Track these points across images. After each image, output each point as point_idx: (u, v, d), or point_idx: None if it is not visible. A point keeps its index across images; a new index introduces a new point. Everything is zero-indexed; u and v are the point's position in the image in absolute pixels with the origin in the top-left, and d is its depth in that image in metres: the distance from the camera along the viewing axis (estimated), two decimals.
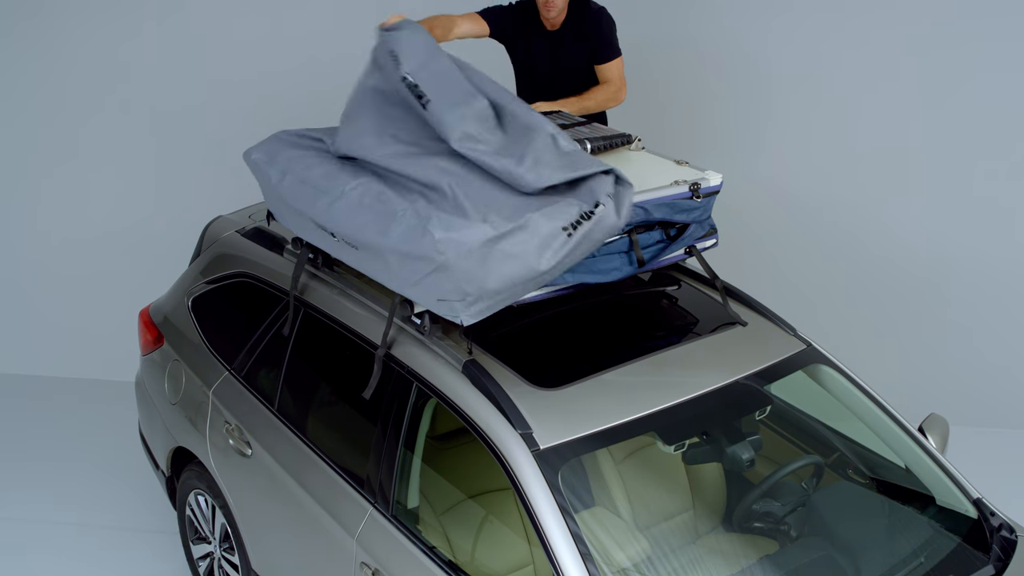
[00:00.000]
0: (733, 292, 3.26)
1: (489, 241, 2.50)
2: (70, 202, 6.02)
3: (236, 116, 5.77)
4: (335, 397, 3.39)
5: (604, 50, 4.05)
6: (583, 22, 4.03)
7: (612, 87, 4.03)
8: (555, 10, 3.96)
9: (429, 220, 2.55)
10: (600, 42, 4.04)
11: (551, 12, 3.97)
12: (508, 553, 3.04)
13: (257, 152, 3.17)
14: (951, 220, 5.46)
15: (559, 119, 3.58)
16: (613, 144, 3.34)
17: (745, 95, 5.59)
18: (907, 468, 3.09)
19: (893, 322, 5.62)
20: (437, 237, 2.51)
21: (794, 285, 5.57)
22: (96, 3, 5.74)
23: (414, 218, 2.59)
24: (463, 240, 2.51)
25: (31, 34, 5.76)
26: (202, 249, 3.98)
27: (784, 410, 3.27)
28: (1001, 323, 5.49)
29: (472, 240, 2.50)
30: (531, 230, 2.51)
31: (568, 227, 2.54)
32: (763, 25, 5.45)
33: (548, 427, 2.65)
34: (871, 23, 5.32)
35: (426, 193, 2.70)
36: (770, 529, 2.99)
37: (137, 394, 4.18)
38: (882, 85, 5.39)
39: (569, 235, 2.53)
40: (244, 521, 3.49)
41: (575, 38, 4.05)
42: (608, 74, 4.06)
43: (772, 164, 5.60)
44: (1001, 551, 2.85)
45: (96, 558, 4.30)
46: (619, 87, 4.06)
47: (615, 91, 4.04)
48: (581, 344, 3.03)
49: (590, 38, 4.04)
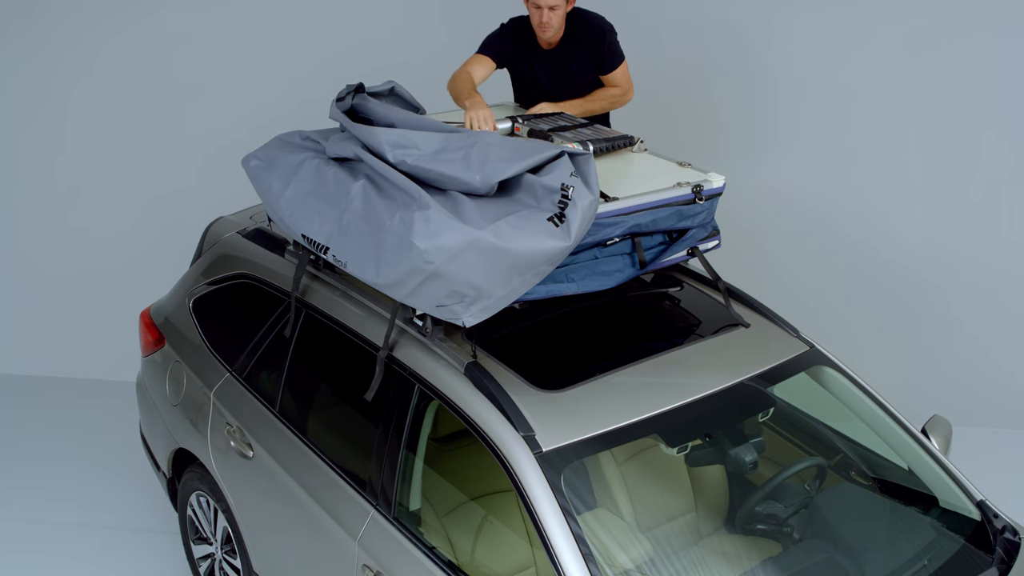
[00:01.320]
0: (736, 293, 3.26)
1: (475, 240, 2.50)
2: (70, 202, 6.01)
3: (237, 116, 5.76)
4: (337, 399, 3.39)
5: (609, 59, 3.94)
6: (584, 35, 3.91)
7: (619, 91, 3.98)
8: (551, 31, 3.83)
9: (412, 230, 2.54)
10: (603, 53, 3.92)
11: (547, 33, 3.84)
12: (510, 555, 3.04)
13: (256, 159, 3.17)
14: (953, 221, 5.45)
15: (561, 120, 3.57)
16: (615, 146, 3.34)
17: (748, 97, 5.58)
18: (910, 470, 3.09)
19: (895, 323, 5.61)
20: (422, 248, 2.51)
21: (797, 286, 5.57)
22: (93, 2, 5.73)
23: (401, 227, 2.59)
24: (448, 246, 2.51)
25: (25, 33, 5.75)
26: (203, 250, 3.98)
27: (787, 412, 3.27)
28: (1003, 324, 5.48)
29: (457, 242, 2.51)
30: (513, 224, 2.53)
31: (553, 219, 2.55)
32: (765, 27, 5.44)
33: (550, 429, 2.64)
34: (871, 22, 5.31)
35: (408, 203, 2.69)
36: (773, 531, 2.99)
37: (138, 395, 4.17)
38: (883, 86, 5.38)
39: (557, 224, 2.54)
40: (245, 523, 3.48)
41: (577, 52, 3.94)
42: (615, 81, 3.99)
43: (774, 166, 5.59)
44: (1004, 553, 2.84)
45: (96, 558, 4.29)
46: (626, 90, 4.00)
47: (622, 94, 3.99)
48: (584, 346, 3.03)
49: (593, 50, 3.92)
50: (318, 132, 3.24)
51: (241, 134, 4.87)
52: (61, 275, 6.01)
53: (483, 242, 2.51)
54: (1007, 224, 5.40)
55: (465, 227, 2.52)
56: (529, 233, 2.54)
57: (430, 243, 2.51)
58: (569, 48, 3.94)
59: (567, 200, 2.57)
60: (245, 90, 5.79)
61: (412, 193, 2.68)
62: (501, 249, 2.52)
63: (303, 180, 3.02)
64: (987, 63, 5.22)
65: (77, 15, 5.75)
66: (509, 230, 2.53)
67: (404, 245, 2.55)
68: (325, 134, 3.21)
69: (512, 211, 2.59)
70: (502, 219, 2.56)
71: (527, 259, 2.55)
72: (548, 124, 3.50)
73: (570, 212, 2.56)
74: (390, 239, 2.61)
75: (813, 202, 5.60)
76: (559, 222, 2.55)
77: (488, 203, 2.67)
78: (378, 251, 2.66)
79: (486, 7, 4.57)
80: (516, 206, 2.62)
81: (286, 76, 5.74)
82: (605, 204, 2.87)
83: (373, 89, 3.43)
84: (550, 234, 2.55)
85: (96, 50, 5.80)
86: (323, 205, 2.92)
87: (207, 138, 5.86)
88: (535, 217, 2.57)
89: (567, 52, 3.94)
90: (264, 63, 5.78)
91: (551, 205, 2.58)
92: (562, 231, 2.55)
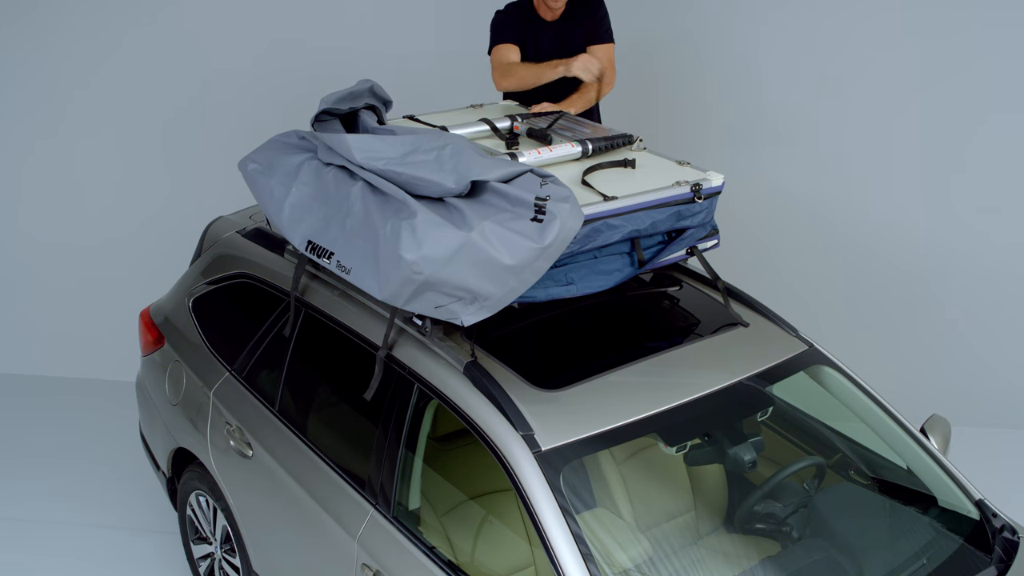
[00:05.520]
0: (735, 293, 3.26)
1: (464, 244, 2.50)
2: (70, 202, 6.02)
3: (237, 116, 5.77)
4: (336, 398, 3.39)
5: (600, 31, 4.06)
6: (581, 3, 4.04)
7: (605, 74, 4.00)
8: (561, 1, 3.97)
9: (399, 242, 2.53)
10: (596, 22, 4.05)
11: (558, 2, 3.97)
12: (509, 554, 3.04)
13: (253, 161, 3.15)
14: (953, 221, 5.45)
15: (563, 120, 3.58)
16: (614, 145, 3.34)
17: (746, 96, 5.58)
18: (909, 469, 3.09)
19: (895, 323, 5.61)
20: (409, 259, 2.51)
21: (796, 286, 5.57)
22: (92, 2, 5.73)
23: (391, 237, 2.57)
24: (436, 254, 2.50)
25: (25, 32, 5.75)
26: (203, 250, 3.98)
27: (786, 411, 3.27)
28: (1003, 323, 5.49)
29: (444, 251, 2.50)
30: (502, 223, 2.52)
31: (536, 218, 2.54)
32: (762, 24, 5.45)
33: (550, 428, 2.64)
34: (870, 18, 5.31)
35: (400, 209, 2.68)
36: (772, 530, 2.99)
37: (138, 395, 4.18)
38: (882, 86, 5.38)
39: (540, 222, 2.53)
40: (245, 522, 3.49)
41: (575, 21, 4.05)
42: (601, 57, 4.01)
43: (774, 165, 5.59)
44: (1003, 552, 2.84)
45: (96, 558, 4.29)
46: (611, 72, 4.05)
47: (608, 77, 4.01)
48: (583, 345, 3.03)
49: (588, 18, 4.05)
50: (313, 131, 3.23)
51: (242, 134, 4.87)
52: (61, 275, 6.01)
53: (472, 245, 2.50)
54: (1007, 223, 5.40)
55: (453, 231, 2.51)
56: (517, 235, 2.52)
57: (417, 254, 2.50)
58: (569, 16, 4.05)
59: (543, 201, 2.56)
60: (245, 88, 5.79)
61: (398, 198, 2.67)
62: (490, 251, 2.50)
63: (304, 183, 2.99)
64: (986, 63, 5.22)
65: (77, 16, 5.75)
66: (497, 232, 2.51)
67: (394, 257, 2.55)
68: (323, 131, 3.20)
69: (492, 215, 2.57)
70: (488, 219, 2.54)
71: (519, 260, 2.53)
72: (547, 123, 3.51)
73: (552, 208, 2.55)
74: (384, 251, 2.61)
75: (813, 202, 5.60)
76: (541, 220, 2.54)
77: (474, 204, 2.64)
78: (376, 261, 2.65)
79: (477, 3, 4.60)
80: (495, 210, 2.60)
81: (286, 75, 5.74)
82: (604, 203, 2.87)
83: (350, 90, 3.39)
84: (539, 232, 2.53)
85: (98, 51, 5.80)
86: (327, 209, 2.90)
87: (207, 138, 5.86)
88: (519, 218, 2.55)
89: (567, 20, 4.05)
90: (264, 61, 5.77)
91: (528, 210, 2.56)
92: (546, 227, 2.53)
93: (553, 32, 4.07)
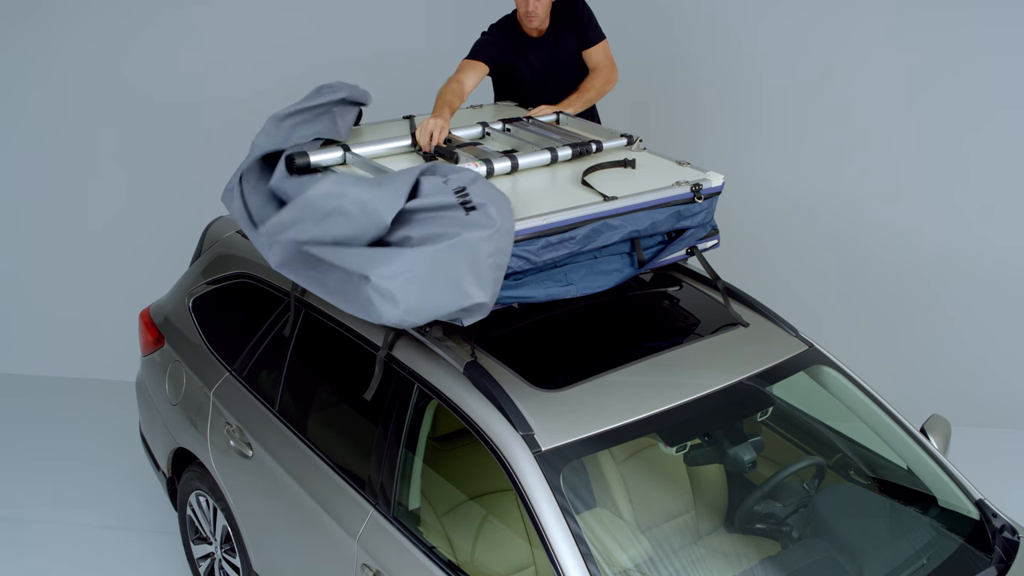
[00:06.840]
0: (735, 293, 3.26)
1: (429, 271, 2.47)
2: (70, 202, 6.02)
3: (237, 115, 5.76)
4: (336, 398, 3.39)
5: (589, 33, 4.02)
6: (563, 13, 4.01)
7: (604, 72, 4.00)
8: (537, 19, 3.91)
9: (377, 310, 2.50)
10: (583, 25, 4.01)
11: (533, 22, 3.92)
12: (509, 554, 3.04)
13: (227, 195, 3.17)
14: (953, 221, 5.45)
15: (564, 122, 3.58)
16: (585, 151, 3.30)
17: (746, 96, 5.58)
18: (909, 469, 3.09)
19: (894, 323, 5.62)
20: (396, 320, 2.50)
21: (796, 286, 5.57)
22: (94, 2, 5.73)
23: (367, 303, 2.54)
24: (414, 304, 2.48)
25: (29, 33, 5.76)
26: (203, 250, 3.98)
27: (786, 411, 3.27)
28: (1003, 323, 5.49)
29: (417, 296, 2.48)
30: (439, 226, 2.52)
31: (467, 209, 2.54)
32: (761, 25, 5.45)
33: (549, 428, 2.64)
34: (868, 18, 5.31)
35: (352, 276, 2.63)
36: (772, 530, 2.99)
37: (138, 395, 4.18)
38: (881, 87, 5.38)
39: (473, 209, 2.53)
40: (245, 522, 3.49)
41: (562, 31, 4.02)
42: (596, 57, 4.02)
43: (774, 165, 5.59)
44: (1003, 552, 2.84)
45: (96, 558, 4.29)
46: (611, 69, 4.03)
47: (608, 74, 4.00)
48: (582, 345, 3.03)
49: (575, 25, 4.01)
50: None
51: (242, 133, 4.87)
52: (61, 275, 6.01)
53: (436, 265, 2.47)
54: (1006, 223, 5.40)
55: (412, 268, 2.47)
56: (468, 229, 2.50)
57: (397, 314, 2.49)
58: (554, 28, 4.02)
59: (463, 191, 2.57)
60: (246, 89, 5.80)
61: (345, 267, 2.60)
62: (456, 259, 2.48)
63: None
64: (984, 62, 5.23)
65: (77, 16, 5.76)
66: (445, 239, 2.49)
67: (380, 319, 2.54)
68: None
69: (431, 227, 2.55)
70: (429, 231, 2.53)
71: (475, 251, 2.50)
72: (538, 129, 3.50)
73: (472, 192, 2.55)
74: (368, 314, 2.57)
75: (813, 202, 5.60)
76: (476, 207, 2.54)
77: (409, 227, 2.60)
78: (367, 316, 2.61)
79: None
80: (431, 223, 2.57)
81: (286, 75, 5.74)
82: (604, 203, 2.87)
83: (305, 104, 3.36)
84: (484, 216, 2.52)
85: (98, 50, 5.81)
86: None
87: (207, 137, 5.86)
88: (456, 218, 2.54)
89: (553, 33, 4.02)
90: (263, 61, 5.78)
91: (457, 208, 2.55)
92: (485, 209, 2.53)
93: (542, 46, 4.04)
